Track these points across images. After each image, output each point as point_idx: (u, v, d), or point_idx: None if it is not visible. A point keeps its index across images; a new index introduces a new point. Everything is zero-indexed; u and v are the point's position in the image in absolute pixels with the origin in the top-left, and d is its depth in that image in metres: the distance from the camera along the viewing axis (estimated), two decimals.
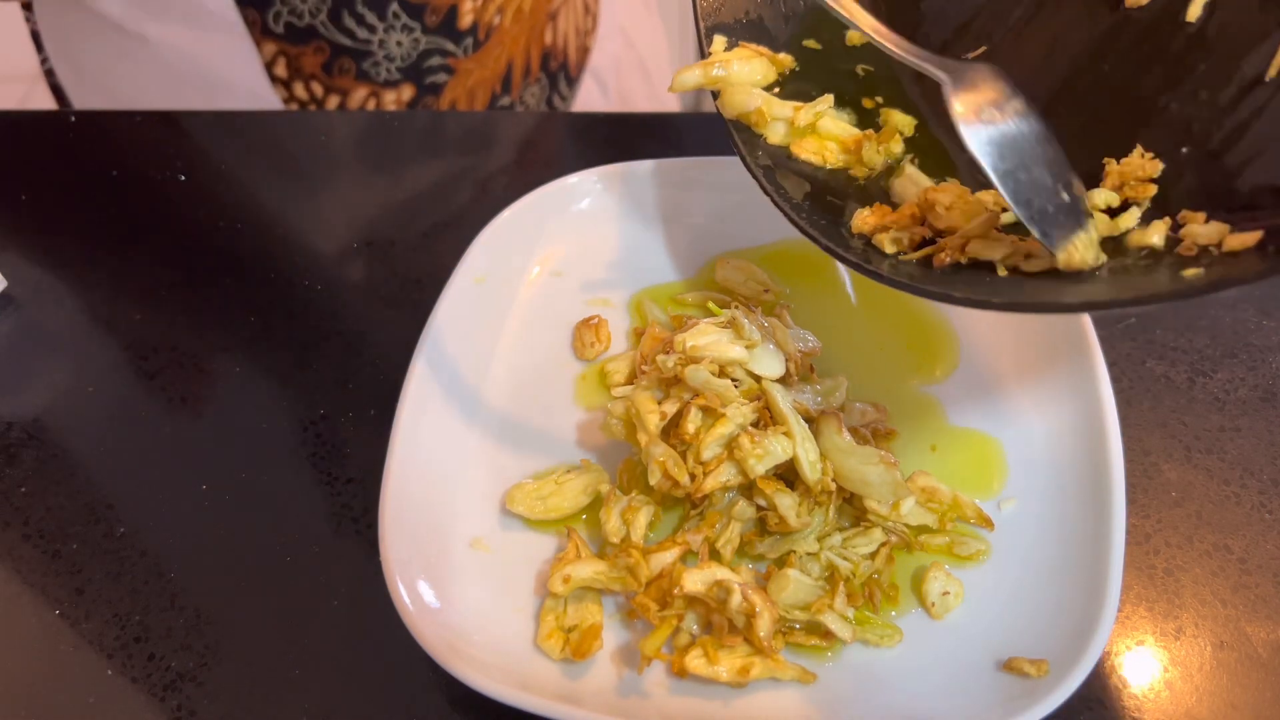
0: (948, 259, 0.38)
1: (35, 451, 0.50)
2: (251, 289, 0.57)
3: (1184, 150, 0.37)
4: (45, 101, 0.81)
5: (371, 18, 0.71)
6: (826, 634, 0.39)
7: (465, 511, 0.45)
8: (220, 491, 0.48)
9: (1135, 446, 0.47)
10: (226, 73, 0.74)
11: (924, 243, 0.40)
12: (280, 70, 0.73)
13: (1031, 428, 0.46)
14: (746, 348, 0.43)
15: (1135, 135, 0.38)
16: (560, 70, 0.84)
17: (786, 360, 0.44)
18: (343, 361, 0.53)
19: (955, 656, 0.39)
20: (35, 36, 0.78)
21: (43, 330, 0.56)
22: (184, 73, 0.74)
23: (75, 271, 0.60)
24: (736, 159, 0.53)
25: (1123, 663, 0.41)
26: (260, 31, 0.71)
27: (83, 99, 0.78)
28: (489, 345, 0.51)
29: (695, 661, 0.38)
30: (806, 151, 0.44)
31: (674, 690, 0.39)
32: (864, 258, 0.39)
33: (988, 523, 0.43)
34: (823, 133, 0.45)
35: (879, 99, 0.46)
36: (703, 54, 0.46)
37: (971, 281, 0.37)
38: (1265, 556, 0.43)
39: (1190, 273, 0.32)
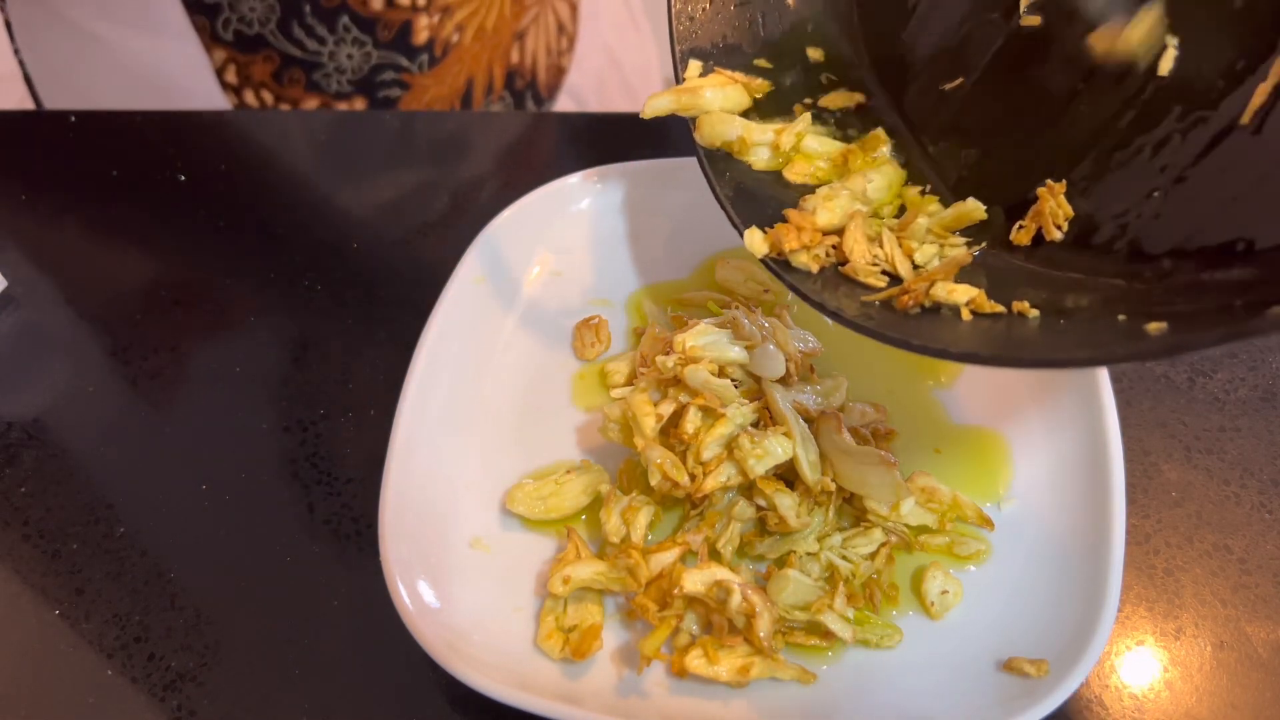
0: (911, 302, 0.38)
1: (35, 451, 0.50)
2: (251, 289, 0.57)
3: (1154, 194, 0.36)
4: (17, 96, 0.80)
5: (321, 29, 0.71)
6: (826, 634, 0.39)
7: (465, 511, 0.45)
8: (220, 491, 0.48)
9: (1135, 446, 0.47)
10: (179, 77, 0.73)
11: (892, 281, 0.40)
12: (230, 77, 0.73)
13: (1031, 428, 0.46)
14: (746, 348, 0.43)
15: (1104, 176, 0.38)
16: (528, 89, 0.83)
17: (786, 360, 0.44)
18: (343, 361, 0.53)
19: (955, 656, 0.39)
20: (8, 27, 0.78)
21: (43, 330, 0.56)
22: (139, 75, 0.74)
23: (75, 271, 0.60)
24: None
25: (1123, 663, 0.41)
26: (209, 38, 0.71)
27: (50, 94, 0.78)
28: (489, 345, 0.51)
29: (695, 661, 0.38)
30: (799, 175, 0.44)
31: (674, 690, 0.39)
32: (823, 296, 0.39)
33: (988, 523, 0.43)
34: (807, 152, 0.45)
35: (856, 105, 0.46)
36: (677, 79, 0.46)
37: (933, 328, 0.37)
38: (1265, 556, 0.43)
39: (1154, 327, 0.31)
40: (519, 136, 0.68)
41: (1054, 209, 0.38)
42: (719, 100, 0.45)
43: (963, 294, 0.37)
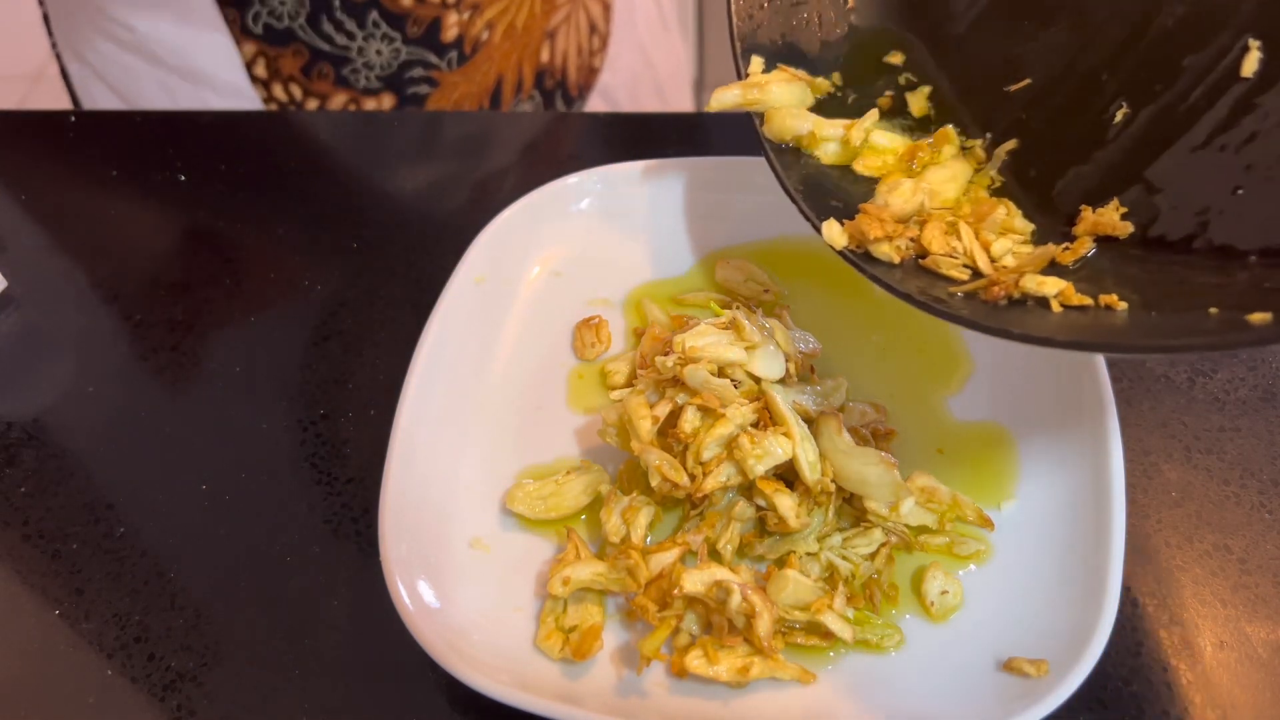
0: (1000, 294, 0.38)
1: (35, 451, 0.50)
2: (251, 289, 0.57)
3: (1238, 191, 0.36)
4: (50, 96, 0.81)
5: (350, 24, 0.71)
6: (826, 634, 0.39)
7: (465, 511, 0.45)
8: (220, 491, 0.48)
9: (1135, 446, 0.47)
10: (211, 69, 0.74)
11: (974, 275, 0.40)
12: (260, 70, 0.73)
13: (1031, 427, 0.46)
14: (747, 349, 0.43)
15: (1183, 173, 0.38)
16: (558, 89, 0.83)
17: (786, 361, 0.44)
18: (343, 361, 0.53)
19: (955, 656, 0.39)
20: (46, 21, 0.79)
21: (43, 330, 0.56)
22: (173, 66, 0.74)
23: (75, 271, 0.60)
24: (736, 158, 0.53)
25: (1123, 663, 0.41)
26: (240, 30, 0.71)
27: (85, 88, 0.79)
28: (489, 345, 0.51)
29: (695, 662, 0.38)
30: (869, 168, 0.44)
31: (674, 690, 0.39)
32: (909, 286, 0.39)
33: (988, 523, 0.43)
34: (876, 146, 0.45)
35: (931, 107, 0.46)
36: (739, 74, 0.46)
37: (1023, 319, 0.37)
38: (1265, 556, 0.43)
39: (1258, 318, 0.31)
40: (523, 137, 0.68)
41: (1107, 219, 0.39)
42: (784, 96, 0.45)
43: (1052, 285, 0.37)
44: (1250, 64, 0.37)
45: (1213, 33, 0.38)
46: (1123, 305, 0.36)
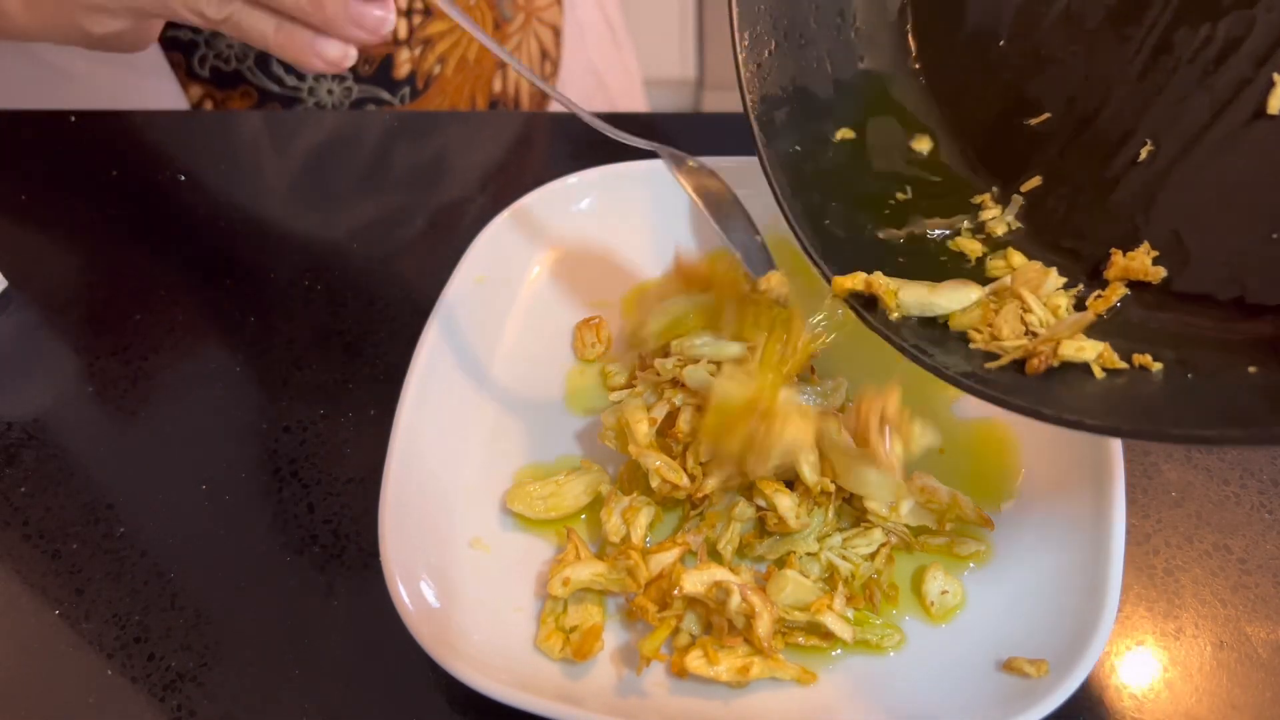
0: (1041, 365, 0.36)
1: (35, 451, 0.50)
2: (251, 289, 0.57)
3: (1275, 236, 0.35)
4: None
5: None
6: (826, 634, 0.39)
7: (465, 511, 0.45)
8: (220, 491, 0.48)
9: (1135, 446, 0.47)
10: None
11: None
12: None
13: (1031, 427, 0.46)
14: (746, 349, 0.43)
15: (1212, 215, 0.36)
16: None
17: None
18: (343, 361, 0.53)
19: (955, 656, 0.39)
20: None
21: (43, 330, 0.56)
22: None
23: (75, 272, 0.60)
24: (737, 158, 0.53)
25: (1123, 663, 0.41)
26: (185, 74, 0.71)
27: None
28: (489, 345, 0.51)
29: (695, 662, 0.38)
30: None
31: (674, 690, 0.39)
32: (967, 373, 0.37)
33: (987, 522, 0.43)
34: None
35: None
36: (747, 117, 0.44)
37: (1060, 390, 0.35)
38: (1265, 556, 0.43)
39: None
40: (522, 136, 0.68)
41: (1139, 264, 0.37)
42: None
43: (1091, 350, 0.36)
44: (1276, 100, 0.36)
45: (1234, 63, 0.37)
46: (1158, 366, 0.35)
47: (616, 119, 0.49)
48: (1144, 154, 0.39)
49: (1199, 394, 0.33)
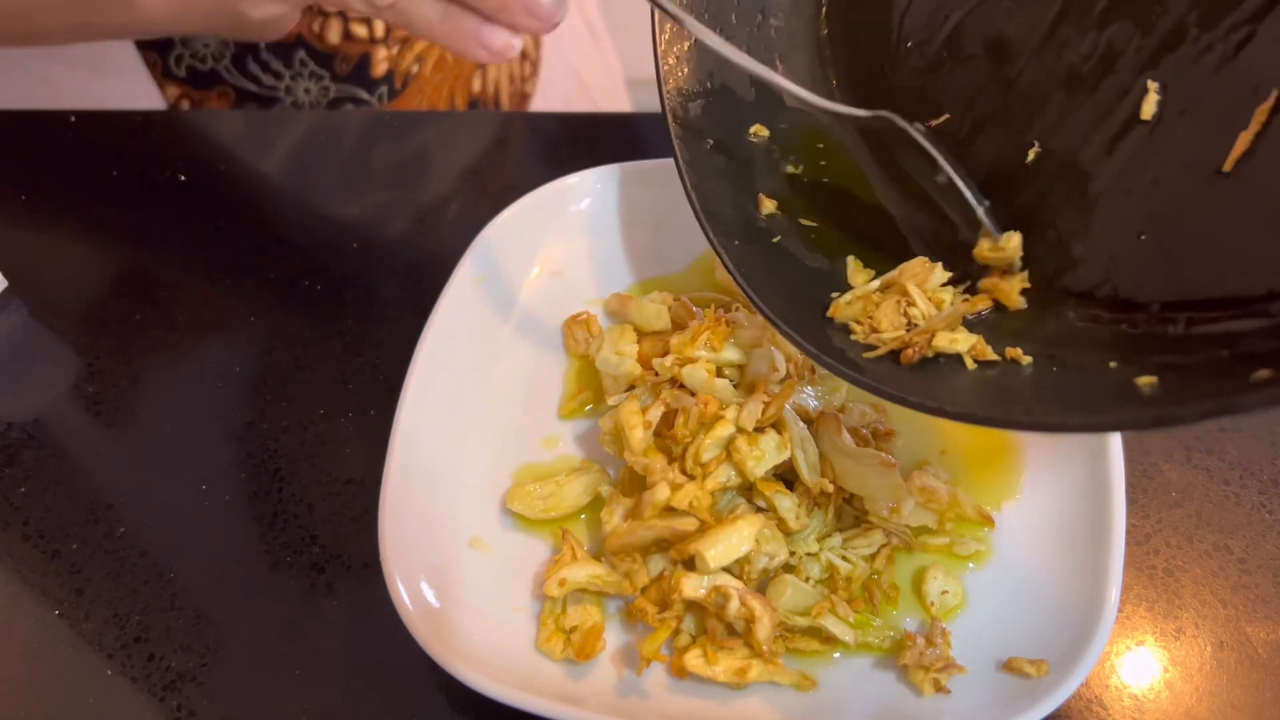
0: (915, 356, 0.38)
1: (35, 451, 0.50)
2: (251, 289, 0.57)
3: (1141, 237, 0.36)
4: None
5: (277, 64, 0.70)
6: (827, 638, 0.39)
7: (465, 511, 0.45)
8: (220, 492, 0.48)
9: (1135, 446, 0.47)
10: None
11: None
12: None
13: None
14: (746, 349, 0.43)
15: (1090, 217, 0.37)
16: None
17: (786, 361, 0.44)
18: (343, 361, 0.53)
19: (955, 656, 0.39)
20: None
21: (43, 330, 0.56)
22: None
23: (75, 272, 0.60)
24: None
25: (1123, 663, 0.41)
26: (162, 74, 0.70)
27: None
28: (489, 345, 0.51)
29: (693, 660, 0.38)
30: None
31: (674, 691, 0.39)
32: (841, 357, 0.38)
33: (988, 520, 0.43)
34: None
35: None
36: (665, 118, 0.45)
37: (931, 381, 0.37)
38: (1265, 556, 0.43)
39: (1144, 382, 0.31)
40: (522, 136, 0.68)
41: (1006, 289, 0.38)
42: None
43: (964, 342, 0.37)
44: (1149, 106, 0.37)
45: (1115, 71, 0.38)
46: (1027, 359, 0.36)
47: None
48: (1031, 155, 0.40)
49: (1060, 386, 0.35)
